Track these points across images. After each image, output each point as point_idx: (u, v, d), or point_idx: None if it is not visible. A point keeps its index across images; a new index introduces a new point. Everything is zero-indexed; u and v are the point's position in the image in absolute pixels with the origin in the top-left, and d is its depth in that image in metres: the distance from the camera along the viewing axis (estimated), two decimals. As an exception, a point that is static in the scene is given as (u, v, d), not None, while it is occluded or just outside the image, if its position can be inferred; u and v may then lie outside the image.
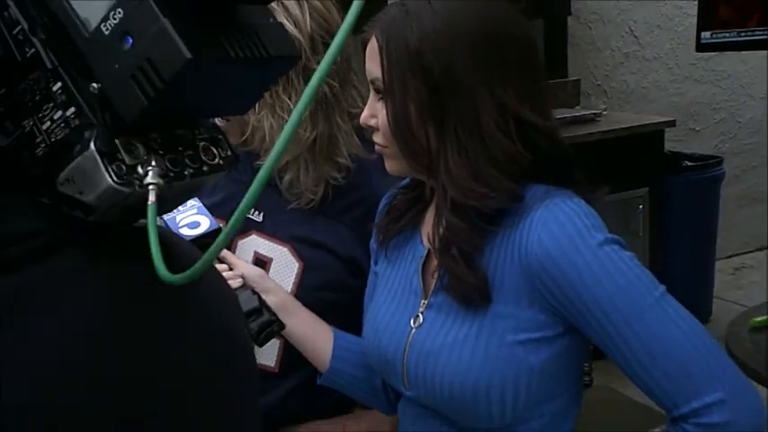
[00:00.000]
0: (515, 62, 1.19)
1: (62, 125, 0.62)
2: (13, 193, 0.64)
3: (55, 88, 0.62)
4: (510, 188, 1.16)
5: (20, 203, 0.64)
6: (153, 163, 0.62)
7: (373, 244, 1.39)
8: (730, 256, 5.09)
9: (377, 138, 1.25)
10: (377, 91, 1.23)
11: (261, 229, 1.48)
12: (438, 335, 1.20)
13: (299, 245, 1.46)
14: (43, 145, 0.63)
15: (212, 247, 0.57)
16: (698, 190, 4.20)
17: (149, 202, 0.61)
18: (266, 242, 1.47)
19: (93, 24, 0.60)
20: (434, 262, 1.24)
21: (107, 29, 0.60)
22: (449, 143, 1.17)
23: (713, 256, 4.40)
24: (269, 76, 0.68)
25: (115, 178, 0.61)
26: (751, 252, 5.23)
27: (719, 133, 5.07)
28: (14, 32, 0.63)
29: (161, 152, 0.64)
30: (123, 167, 0.61)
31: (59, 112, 0.62)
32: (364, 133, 1.38)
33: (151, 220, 0.61)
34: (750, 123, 5.14)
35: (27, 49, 0.62)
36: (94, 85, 0.61)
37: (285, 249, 1.47)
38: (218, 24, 0.61)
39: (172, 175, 0.63)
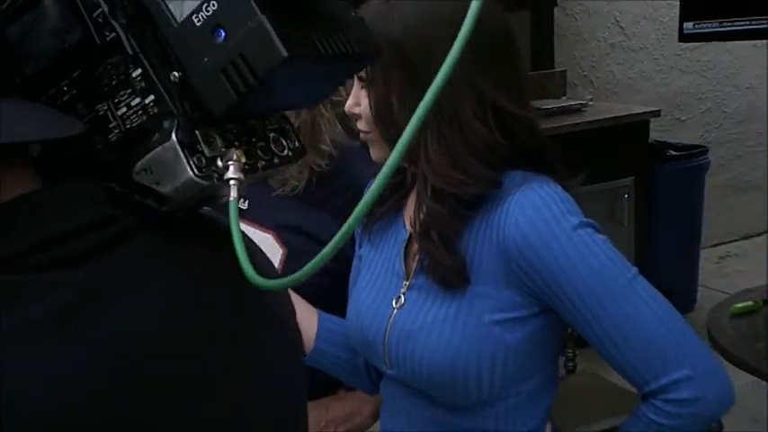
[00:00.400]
0: (494, 54, 1.23)
1: (139, 112, 0.61)
2: (83, 179, 0.63)
3: (134, 75, 0.60)
4: (488, 175, 1.20)
5: (92, 190, 0.63)
6: (234, 157, 0.60)
7: (357, 228, 1.43)
8: (716, 245, 5.15)
9: (360, 125, 1.29)
10: (360, 80, 1.27)
11: (246, 216, 1.51)
12: (418, 315, 1.24)
13: (282, 231, 1.50)
14: (117, 131, 0.62)
15: (320, 255, 0.55)
16: (683, 179, 4.25)
17: (231, 199, 0.59)
18: (251, 229, 1.51)
19: (184, 14, 0.59)
20: (416, 245, 1.29)
21: (198, 20, 0.58)
22: (429, 132, 1.21)
23: (698, 244, 4.45)
24: (349, 72, 0.66)
25: (196, 171, 0.59)
26: (736, 241, 5.29)
27: (705, 123, 5.12)
28: (94, 15, 0.61)
29: (236, 143, 0.62)
30: (203, 160, 0.60)
31: (137, 99, 0.61)
32: (348, 123, 1.42)
33: (233, 218, 0.58)
34: (735, 113, 5.19)
35: (107, 33, 0.61)
36: (175, 73, 0.59)
37: (269, 236, 1.50)
38: (307, 20, 0.59)
39: (247, 167, 0.61)
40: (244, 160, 0.61)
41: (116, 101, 0.61)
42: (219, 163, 0.60)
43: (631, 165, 4.01)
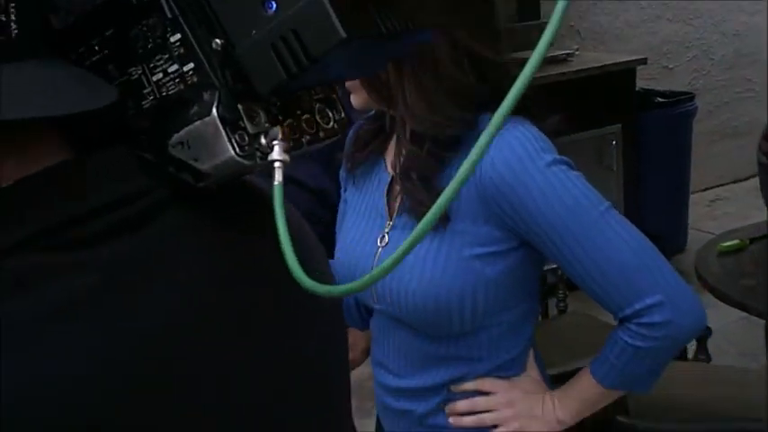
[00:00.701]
0: (469, 2, 1.28)
1: (176, 80, 0.56)
2: (115, 148, 0.59)
3: (173, 39, 0.55)
4: (464, 117, 1.26)
5: (124, 161, 0.59)
6: (279, 135, 0.56)
7: (342, 173, 1.49)
8: (706, 189, 5.22)
9: None
10: None
11: None
12: (402, 252, 1.30)
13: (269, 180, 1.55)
14: (152, 98, 0.57)
15: (393, 256, 0.49)
16: (670, 126, 4.30)
17: (275, 183, 0.55)
18: None
19: None
20: (398, 187, 1.35)
21: None
22: (406, 78, 1.26)
23: (687, 189, 4.51)
24: (407, 48, 0.61)
25: (238, 150, 0.54)
26: (726, 184, 5.35)
27: (692, 71, 5.15)
28: None
29: (280, 117, 0.57)
30: (246, 137, 0.55)
31: (174, 66, 0.56)
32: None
33: (278, 204, 0.54)
34: (723, 60, 5.22)
35: None
36: (217, 41, 0.54)
37: None
38: None
39: (291, 143, 0.57)
40: (288, 137, 0.56)
41: (151, 65, 0.57)
42: (263, 140, 0.56)
43: (619, 112, 4.05)
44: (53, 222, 0.55)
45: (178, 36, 0.55)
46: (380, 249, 1.34)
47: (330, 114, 0.62)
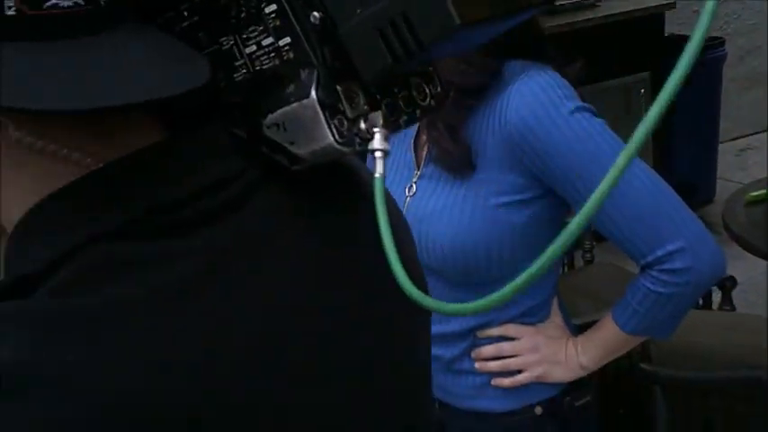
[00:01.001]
0: None
1: (271, 54, 0.53)
2: (209, 127, 0.57)
3: (267, 10, 0.52)
4: (489, 64, 1.27)
5: (219, 141, 0.57)
6: (380, 122, 0.53)
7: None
8: (735, 139, 5.17)
9: None
10: None
11: None
12: (429, 201, 1.33)
13: None
14: (244, 71, 0.54)
15: (510, 286, 0.46)
16: (699, 72, 4.25)
17: (377, 175, 0.51)
18: None
19: None
20: (424, 137, 1.36)
21: None
22: None
23: (716, 137, 4.47)
24: (518, 21, 0.57)
25: (337, 137, 0.51)
26: (756, 134, 5.29)
27: (723, 15, 5.07)
28: None
29: (378, 97, 0.54)
30: (345, 122, 0.52)
31: (269, 39, 0.52)
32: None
33: (380, 201, 0.50)
34: (755, 3, 5.13)
35: None
36: (316, 14, 0.51)
37: None
38: None
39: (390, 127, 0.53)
40: (387, 121, 0.53)
41: (244, 36, 0.53)
42: (363, 125, 0.53)
43: (647, 59, 4.00)
44: (153, 206, 0.54)
45: (274, 7, 0.52)
46: (408, 199, 1.36)
47: (427, 90, 0.58)
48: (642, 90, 3.99)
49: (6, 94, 0.47)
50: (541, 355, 1.37)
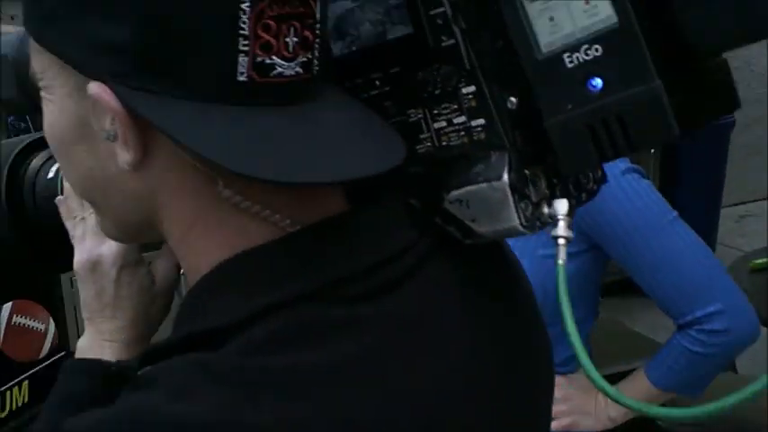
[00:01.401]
0: None
1: (461, 132, 0.53)
2: (389, 196, 0.58)
3: (465, 91, 0.52)
4: None
5: (397, 213, 0.58)
6: (565, 210, 0.53)
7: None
8: (735, 204, 5.22)
9: None
10: None
11: None
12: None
13: None
14: (428, 144, 0.55)
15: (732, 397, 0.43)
16: (707, 138, 4.30)
17: (560, 262, 0.52)
18: None
19: (554, 48, 0.49)
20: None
21: (572, 62, 0.48)
22: None
23: (719, 203, 4.52)
24: None
25: (523, 221, 0.53)
26: (756, 201, 5.36)
27: (732, 83, 5.14)
28: (432, 13, 0.52)
29: (554, 181, 0.54)
30: (529, 207, 0.53)
31: (462, 118, 0.53)
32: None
33: (563, 289, 0.51)
34: (764, 73, 5.21)
35: (443, 38, 0.52)
36: (513, 99, 0.51)
37: None
38: (692, 83, 0.50)
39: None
40: (572, 208, 0.53)
41: (435, 112, 0.54)
42: (545, 209, 0.54)
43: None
44: (341, 273, 0.55)
45: (472, 89, 0.52)
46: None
47: (590, 174, 0.59)
48: (652, 150, 4.04)
49: (228, 155, 0.48)
50: (572, 405, 1.40)
